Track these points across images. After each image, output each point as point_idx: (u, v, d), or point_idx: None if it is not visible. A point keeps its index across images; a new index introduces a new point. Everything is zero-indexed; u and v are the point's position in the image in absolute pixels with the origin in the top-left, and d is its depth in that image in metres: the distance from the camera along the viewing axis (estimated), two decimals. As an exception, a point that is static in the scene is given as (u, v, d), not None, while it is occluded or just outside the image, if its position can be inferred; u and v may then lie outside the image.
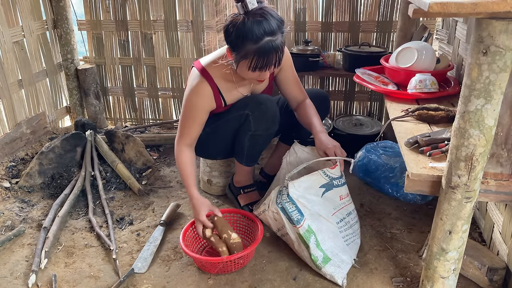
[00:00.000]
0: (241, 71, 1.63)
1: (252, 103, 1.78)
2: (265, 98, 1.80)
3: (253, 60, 1.54)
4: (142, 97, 3.07)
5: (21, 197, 2.18)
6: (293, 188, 1.62)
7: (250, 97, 1.82)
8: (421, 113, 1.68)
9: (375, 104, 2.88)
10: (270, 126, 1.82)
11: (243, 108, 1.78)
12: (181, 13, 2.79)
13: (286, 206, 1.61)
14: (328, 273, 1.58)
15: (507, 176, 1.30)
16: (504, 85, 1.10)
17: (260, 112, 1.77)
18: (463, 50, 2.08)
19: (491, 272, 1.50)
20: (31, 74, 2.65)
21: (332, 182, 1.68)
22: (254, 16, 1.51)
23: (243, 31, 1.51)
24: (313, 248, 1.59)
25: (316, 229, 1.62)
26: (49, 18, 2.79)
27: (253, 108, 1.76)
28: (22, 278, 1.65)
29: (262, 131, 1.81)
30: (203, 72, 1.73)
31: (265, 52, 1.53)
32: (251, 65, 1.56)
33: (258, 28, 1.50)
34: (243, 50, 1.54)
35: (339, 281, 1.57)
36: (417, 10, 1.06)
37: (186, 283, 1.61)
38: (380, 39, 2.70)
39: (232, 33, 1.54)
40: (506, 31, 1.02)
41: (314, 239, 1.60)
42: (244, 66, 1.59)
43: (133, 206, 2.13)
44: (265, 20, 1.51)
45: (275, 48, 1.54)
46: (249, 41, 1.51)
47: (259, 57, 1.53)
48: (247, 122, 1.78)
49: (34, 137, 2.65)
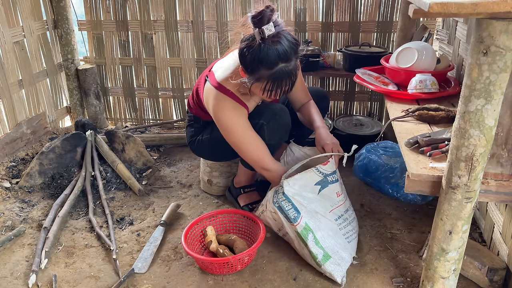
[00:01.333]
0: (254, 91, 1.64)
1: (267, 113, 1.78)
2: (279, 108, 1.80)
3: (267, 85, 1.56)
4: (142, 97, 3.07)
5: (21, 197, 2.18)
6: (288, 186, 1.62)
7: (264, 106, 1.81)
8: (421, 113, 1.68)
9: (375, 104, 2.88)
10: (283, 136, 1.85)
11: (258, 117, 1.77)
12: (182, 13, 2.79)
13: (282, 204, 1.61)
14: (327, 271, 1.59)
15: (507, 177, 1.30)
16: (504, 85, 1.10)
17: (275, 122, 1.78)
18: (463, 50, 2.08)
19: (491, 273, 1.50)
20: (31, 74, 2.65)
21: (326, 179, 1.68)
22: (269, 42, 1.50)
23: (258, 56, 1.51)
24: (312, 246, 1.60)
25: (313, 226, 1.62)
26: (50, 18, 2.80)
27: (268, 118, 1.77)
28: (22, 278, 1.65)
29: (276, 141, 1.82)
30: (220, 89, 1.70)
31: (278, 78, 1.55)
32: (264, 88, 1.58)
33: (273, 54, 1.50)
34: (257, 74, 1.55)
35: (339, 280, 1.57)
36: (417, 10, 1.06)
37: (186, 283, 1.61)
38: (381, 39, 2.70)
39: (247, 56, 1.54)
40: (506, 31, 1.02)
41: (312, 236, 1.61)
42: (257, 88, 1.60)
43: (133, 206, 2.13)
44: (281, 45, 1.51)
45: (289, 74, 1.55)
46: (264, 66, 1.52)
47: (273, 82, 1.55)
48: (262, 132, 1.77)
49: (35, 137, 2.65)
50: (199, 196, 2.21)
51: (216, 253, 1.68)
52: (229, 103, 1.69)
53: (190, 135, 2.01)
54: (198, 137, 1.96)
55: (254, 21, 1.48)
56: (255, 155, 1.74)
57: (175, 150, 2.73)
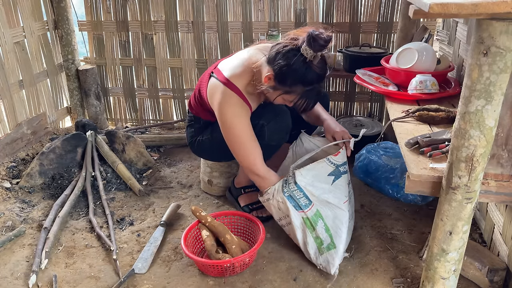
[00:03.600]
0: (275, 96, 1.66)
1: (268, 114, 1.78)
2: (280, 109, 1.81)
3: (299, 100, 1.61)
4: (142, 97, 3.07)
5: (21, 197, 2.18)
6: (301, 176, 1.63)
7: (265, 107, 1.81)
8: (421, 114, 1.68)
9: (375, 105, 2.88)
10: (283, 137, 1.85)
11: (259, 118, 1.77)
12: (182, 14, 2.79)
13: (294, 194, 1.62)
14: (327, 259, 1.60)
15: (507, 177, 1.30)
16: (505, 86, 1.10)
17: (276, 123, 1.78)
18: (463, 51, 2.08)
19: (492, 273, 1.50)
20: (31, 74, 2.66)
21: (338, 169, 1.69)
22: (312, 67, 1.54)
23: (300, 74, 1.55)
24: (321, 232, 1.61)
25: (325, 215, 1.63)
26: (50, 18, 2.80)
27: (269, 119, 1.77)
28: (22, 279, 1.65)
29: (276, 141, 1.83)
30: (228, 84, 1.69)
31: (309, 96, 1.61)
32: (293, 101, 1.63)
33: (313, 75, 1.55)
34: (290, 88, 1.59)
35: (332, 271, 1.59)
36: (417, 11, 1.06)
37: (187, 283, 1.61)
38: (381, 40, 2.70)
39: (285, 67, 1.55)
40: (506, 32, 1.02)
41: (322, 223, 1.62)
42: (282, 97, 1.64)
43: (133, 207, 2.13)
44: (321, 69, 1.56)
45: (318, 94, 1.63)
46: (301, 84, 1.57)
47: (304, 98, 1.61)
48: (262, 132, 1.78)
49: (35, 137, 2.65)
50: (199, 197, 2.21)
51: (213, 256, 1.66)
52: (236, 99, 1.69)
53: (190, 135, 2.01)
54: (198, 138, 1.96)
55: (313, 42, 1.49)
56: (249, 158, 1.74)
57: (175, 151, 2.73)
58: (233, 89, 1.69)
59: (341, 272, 1.64)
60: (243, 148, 1.74)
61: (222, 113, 1.71)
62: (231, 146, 1.76)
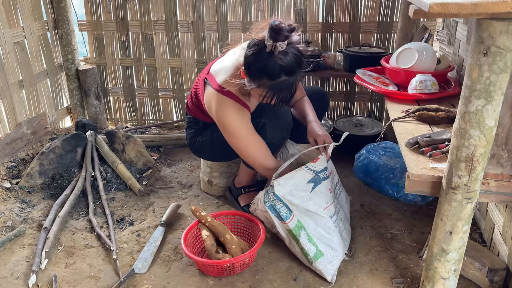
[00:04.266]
0: (252, 94, 1.65)
1: (269, 112, 1.78)
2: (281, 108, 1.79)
3: (266, 93, 1.57)
4: (142, 97, 3.07)
5: (21, 197, 2.18)
6: (279, 186, 1.63)
7: (267, 106, 1.79)
8: (421, 114, 1.68)
9: (375, 104, 2.88)
10: (284, 135, 1.86)
11: (260, 116, 1.78)
12: (182, 14, 2.79)
13: (274, 203, 1.63)
14: (318, 268, 1.60)
15: (507, 177, 1.30)
16: (505, 85, 1.10)
17: (277, 121, 1.78)
18: (463, 51, 2.08)
19: (492, 273, 1.50)
20: (31, 74, 2.66)
21: (318, 176, 1.69)
22: (278, 56, 1.51)
23: (264, 66, 1.52)
24: (305, 243, 1.61)
25: (306, 223, 1.63)
26: (50, 18, 2.80)
27: (270, 117, 1.77)
28: (22, 279, 1.65)
29: (277, 139, 1.83)
30: (222, 91, 1.70)
31: (279, 90, 1.57)
32: (264, 96, 1.59)
33: (279, 68, 1.51)
34: (259, 82, 1.57)
35: (328, 278, 1.59)
36: (417, 10, 1.06)
37: (187, 283, 1.61)
38: (381, 40, 2.70)
39: (253, 63, 1.54)
40: (506, 32, 1.02)
41: (304, 233, 1.62)
42: (256, 92, 1.61)
43: (133, 207, 2.13)
44: (287, 60, 1.51)
45: (289, 87, 1.58)
46: (267, 77, 1.54)
47: (273, 92, 1.57)
48: (264, 131, 1.78)
49: (35, 137, 2.65)
50: (199, 197, 2.21)
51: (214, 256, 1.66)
52: (233, 106, 1.69)
53: (190, 136, 2.01)
54: (198, 138, 1.96)
55: (272, 33, 1.48)
56: (260, 158, 1.75)
57: (175, 151, 2.73)
58: (227, 95, 1.69)
59: (341, 272, 1.64)
60: (250, 150, 1.74)
61: (222, 121, 1.71)
62: (238, 151, 1.77)
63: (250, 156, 1.77)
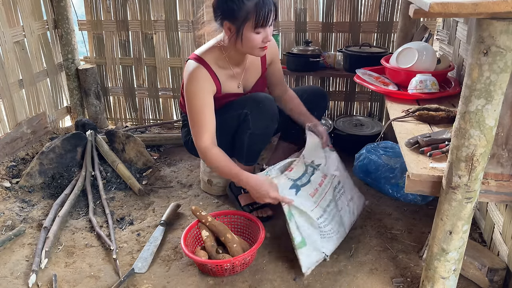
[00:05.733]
0: (246, 39, 1.66)
1: (251, 102, 1.79)
2: (264, 97, 1.81)
3: (257, 15, 1.60)
4: (142, 97, 3.07)
5: (21, 197, 2.18)
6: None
7: (249, 96, 1.84)
8: (421, 114, 1.68)
9: (375, 104, 2.88)
10: (269, 124, 1.83)
11: (242, 107, 1.79)
12: (182, 13, 2.79)
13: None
14: (298, 256, 1.60)
15: (507, 177, 1.30)
16: (505, 85, 1.10)
17: (259, 111, 1.78)
18: (463, 51, 2.08)
19: (492, 273, 1.50)
20: (31, 74, 2.66)
21: (296, 184, 1.72)
22: None
23: None
24: (293, 229, 1.62)
25: (295, 215, 1.65)
26: (50, 18, 2.80)
27: (252, 107, 1.77)
28: (22, 278, 1.65)
29: (261, 129, 1.81)
30: (198, 60, 1.75)
31: (264, 4, 1.60)
32: (257, 23, 1.61)
33: None
34: (244, 11, 1.60)
35: (304, 269, 1.59)
36: (418, 10, 1.06)
37: (187, 283, 1.61)
38: (381, 39, 2.70)
39: (227, 2, 1.60)
40: (507, 32, 1.02)
41: (294, 221, 1.63)
42: (248, 30, 1.64)
43: (133, 206, 2.13)
44: None
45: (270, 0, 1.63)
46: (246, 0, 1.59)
47: (260, 10, 1.60)
48: (246, 121, 1.78)
49: (35, 137, 2.65)
50: (199, 196, 2.21)
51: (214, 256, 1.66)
52: (203, 74, 1.73)
53: (184, 135, 2.02)
54: (190, 136, 1.96)
55: None
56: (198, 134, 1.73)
57: (175, 150, 2.73)
58: (202, 63, 1.74)
59: (341, 272, 1.64)
60: (196, 123, 1.73)
61: (187, 83, 1.73)
62: (189, 117, 1.77)
63: (193, 128, 1.75)
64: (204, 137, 1.72)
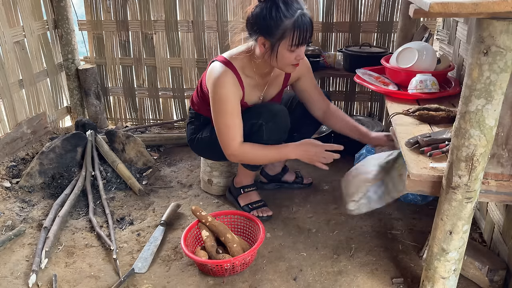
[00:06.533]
0: (280, 56, 1.66)
1: (266, 114, 1.78)
2: (279, 109, 1.81)
3: (294, 35, 1.60)
4: (142, 97, 3.07)
5: (21, 197, 2.18)
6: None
7: (264, 107, 1.82)
8: (421, 114, 1.68)
9: (375, 104, 2.88)
10: (282, 137, 1.85)
11: (257, 117, 1.77)
12: (182, 13, 2.79)
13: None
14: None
15: (507, 177, 1.30)
16: (505, 85, 1.10)
17: (274, 123, 1.78)
18: (463, 51, 2.08)
19: (492, 273, 1.50)
20: (31, 74, 2.65)
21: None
22: None
23: (278, 10, 1.58)
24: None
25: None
26: (50, 18, 2.80)
27: (267, 118, 1.77)
28: (22, 278, 1.65)
29: (274, 141, 1.82)
30: (226, 63, 1.74)
31: (302, 24, 1.61)
32: (293, 42, 1.61)
33: (290, 4, 1.59)
34: (281, 30, 1.60)
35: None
36: (418, 10, 1.06)
37: (187, 283, 1.61)
38: (381, 39, 2.70)
39: (266, 17, 1.60)
40: (507, 31, 1.02)
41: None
42: (284, 47, 1.63)
43: (133, 206, 2.13)
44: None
45: (308, 19, 1.63)
46: (286, 18, 1.58)
47: (298, 29, 1.60)
48: (260, 132, 1.78)
49: (35, 137, 2.65)
50: (199, 196, 2.21)
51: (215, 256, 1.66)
52: (232, 78, 1.72)
53: (190, 132, 2.01)
54: (197, 135, 1.96)
55: None
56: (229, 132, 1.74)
57: (175, 150, 2.73)
58: (230, 67, 1.72)
59: (341, 272, 1.64)
60: (227, 123, 1.73)
61: (215, 89, 1.72)
62: (215, 120, 1.76)
63: (222, 132, 1.75)
64: (235, 142, 1.74)
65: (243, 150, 1.75)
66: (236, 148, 1.75)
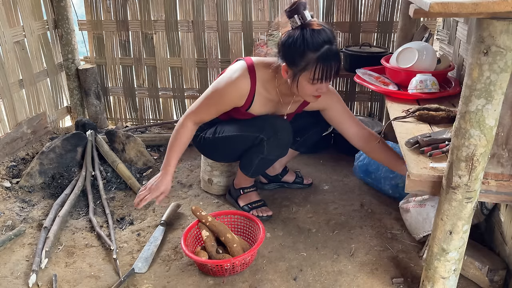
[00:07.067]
0: (301, 87, 1.62)
1: (269, 129, 1.76)
2: (282, 126, 1.78)
3: (316, 69, 1.55)
4: (142, 97, 3.07)
5: (21, 197, 2.18)
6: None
7: (268, 121, 1.78)
8: (421, 114, 1.68)
9: (375, 104, 2.88)
10: (282, 152, 1.85)
11: (259, 131, 1.76)
12: (182, 13, 2.79)
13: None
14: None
15: (507, 177, 1.30)
16: (505, 85, 1.10)
17: (276, 139, 1.76)
18: (463, 51, 2.08)
19: (492, 273, 1.50)
20: (32, 74, 2.65)
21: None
22: (311, 26, 1.52)
23: (303, 41, 1.52)
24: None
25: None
26: (50, 18, 2.80)
27: (269, 134, 1.75)
28: (22, 278, 1.65)
29: (274, 156, 1.83)
30: (251, 69, 1.71)
31: (326, 59, 1.54)
32: (314, 76, 1.56)
33: (318, 37, 1.52)
34: (304, 62, 1.55)
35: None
36: (418, 10, 1.06)
37: (187, 283, 1.61)
38: (381, 39, 2.70)
39: (291, 46, 1.55)
40: (507, 31, 1.02)
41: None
42: (305, 79, 1.59)
43: (133, 206, 2.13)
44: (322, 29, 1.53)
45: (336, 55, 1.56)
46: (310, 50, 1.53)
47: (322, 64, 1.54)
48: (261, 146, 1.78)
49: (35, 137, 2.65)
50: (199, 196, 2.21)
51: (215, 256, 1.66)
52: (243, 89, 1.70)
53: None
54: (202, 134, 1.96)
55: (290, 10, 1.52)
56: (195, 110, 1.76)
57: (175, 150, 2.72)
58: (252, 75, 1.69)
59: (341, 272, 1.64)
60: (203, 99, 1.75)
61: (226, 80, 1.71)
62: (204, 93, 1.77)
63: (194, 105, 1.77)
64: (193, 117, 1.76)
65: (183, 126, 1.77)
66: (185, 123, 1.76)
